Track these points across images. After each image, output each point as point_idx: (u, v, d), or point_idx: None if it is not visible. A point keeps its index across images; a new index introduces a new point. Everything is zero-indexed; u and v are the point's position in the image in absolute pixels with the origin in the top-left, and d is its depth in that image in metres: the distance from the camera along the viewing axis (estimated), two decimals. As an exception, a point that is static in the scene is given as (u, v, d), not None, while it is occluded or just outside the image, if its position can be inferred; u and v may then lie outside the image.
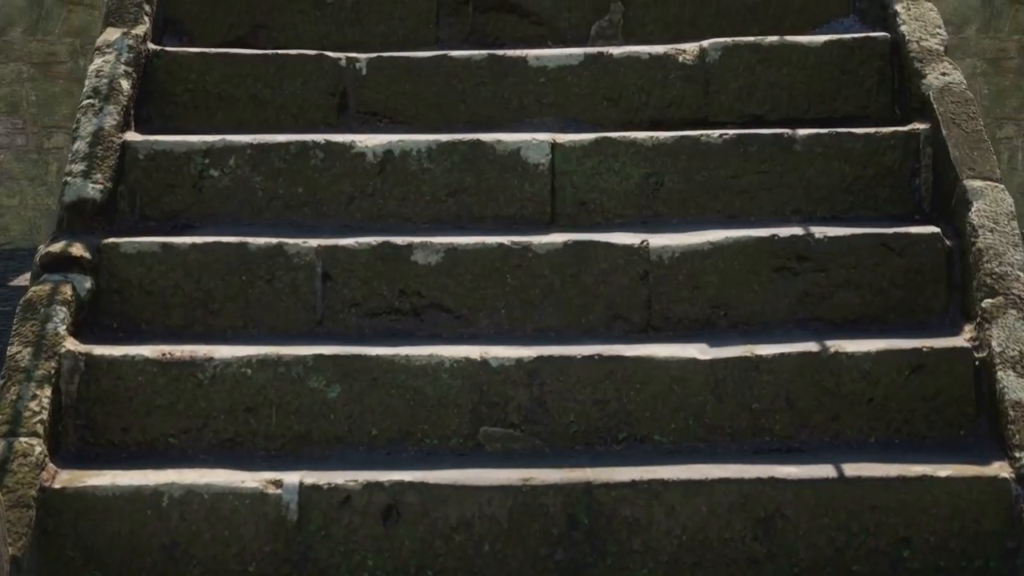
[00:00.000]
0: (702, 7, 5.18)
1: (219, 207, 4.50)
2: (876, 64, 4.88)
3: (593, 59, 4.86)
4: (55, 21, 9.24)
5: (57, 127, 9.21)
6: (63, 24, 9.26)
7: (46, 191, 9.22)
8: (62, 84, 9.24)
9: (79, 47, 9.23)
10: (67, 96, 9.25)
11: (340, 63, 4.85)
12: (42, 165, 9.24)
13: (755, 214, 4.56)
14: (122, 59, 4.69)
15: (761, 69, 4.87)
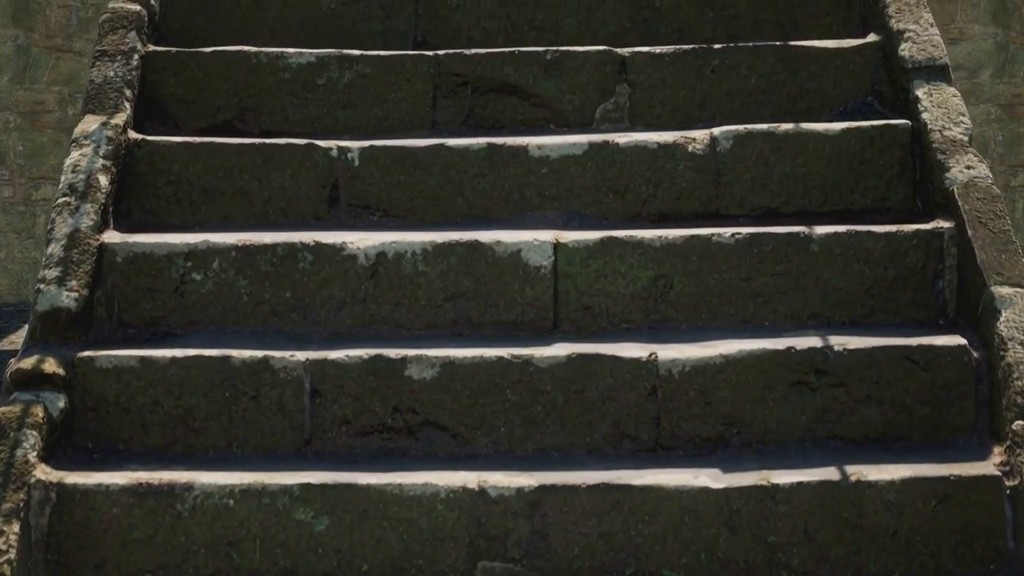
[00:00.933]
0: (712, 89, 4.95)
1: (202, 313, 4.26)
2: (896, 154, 4.64)
3: (598, 148, 4.63)
4: (43, 69, 9.01)
5: (45, 178, 8.97)
6: (51, 72, 9.02)
7: (33, 244, 8.99)
8: (50, 134, 9.01)
9: (67, 96, 9.00)
10: (55, 146, 9.01)
11: (331, 153, 4.62)
12: (29, 217, 9.00)
13: (769, 319, 4.32)
14: (100, 152, 4.46)
15: (775, 159, 4.63)
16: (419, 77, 4.95)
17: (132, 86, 4.77)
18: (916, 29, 4.87)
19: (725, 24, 5.27)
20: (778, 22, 5.27)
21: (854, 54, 4.98)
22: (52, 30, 8.97)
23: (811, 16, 5.26)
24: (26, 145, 8.98)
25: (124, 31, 4.89)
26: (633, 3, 5.27)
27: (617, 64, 4.96)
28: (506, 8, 5.26)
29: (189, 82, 4.92)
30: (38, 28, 8.97)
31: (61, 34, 8.97)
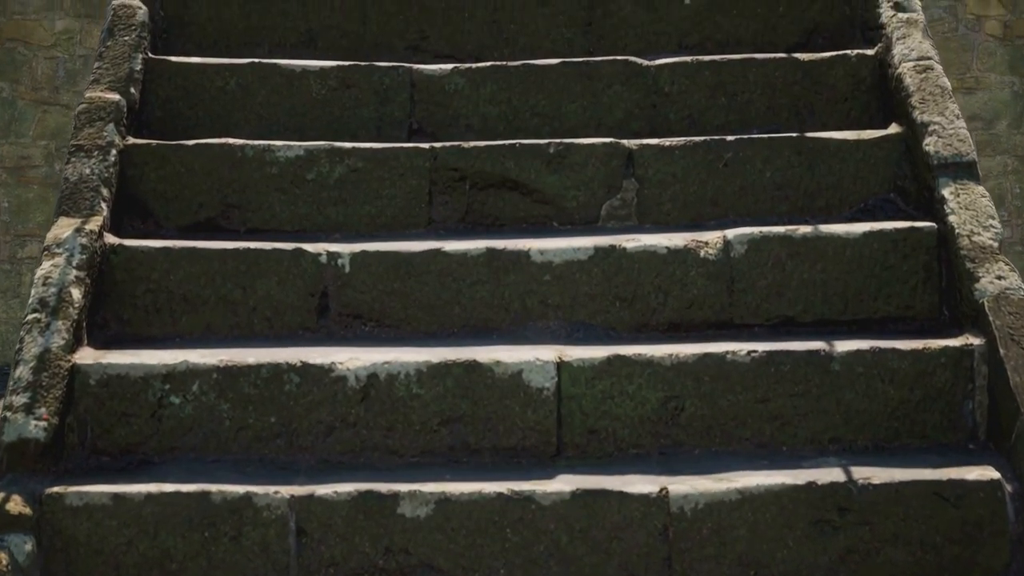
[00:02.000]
0: (724, 184, 4.69)
1: (181, 439, 4.01)
2: (922, 259, 4.38)
3: (604, 253, 4.37)
4: (28, 123, 8.76)
5: (31, 235, 8.72)
6: (37, 126, 8.77)
7: (19, 304, 8.73)
8: (36, 190, 8.76)
9: (54, 150, 8.75)
10: (41, 202, 8.76)
11: (320, 259, 4.36)
12: (15, 276, 8.75)
13: (788, 443, 4.06)
14: (74, 262, 4.20)
15: (792, 265, 4.37)
16: (414, 172, 4.70)
17: (110, 184, 4.52)
18: (941, 122, 4.61)
19: (738, 110, 5.01)
20: (794, 108, 5.01)
21: (875, 147, 4.73)
22: (39, 82, 8.73)
23: (829, 102, 5.01)
24: (11, 201, 8.73)
25: (102, 123, 4.64)
26: (640, 88, 5.01)
27: (624, 158, 4.71)
28: (507, 93, 5.00)
29: (171, 177, 4.67)
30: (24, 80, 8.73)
31: (48, 86, 8.73)
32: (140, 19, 5.01)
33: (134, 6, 5.04)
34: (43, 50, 8.73)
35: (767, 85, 5.02)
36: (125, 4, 5.04)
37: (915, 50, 4.87)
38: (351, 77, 5.01)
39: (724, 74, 5.03)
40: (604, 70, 5.02)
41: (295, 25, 5.27)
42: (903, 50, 4.90)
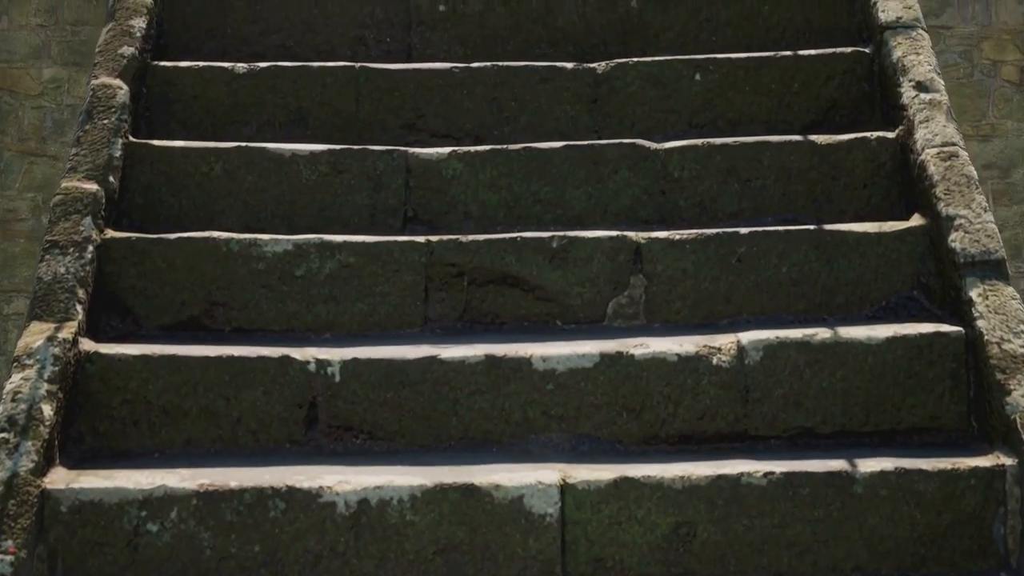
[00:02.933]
0: (738, 280, 4.45)
1: (158, 570, 3.76)
2: (948, 366, 4.14)
3: (611, 360, 4.12)
4: (15, 175, 8.52)
5: (17, 291, 8.48)
6: (24, 178, 8.54)
7: (4, 361, 8.49)
8: (23, 244, 8.52)
9: (41, 203, 8.51)
10: (28, 256, 8.52)
11: (308, 368, 4.11)
12: (1, 333, 8.50)
13: (807, 572, 3.81)
14: (45, 375, 3.96)
15: (811, 373, 4.13)
16: (409, 267, 4.45)
17: (86, 283, 4.27)
18: (967, 215, 4.37)
19: (752, 196, 4.77)
20: (810, 194, 4.77)
21: (897, 241, 4.48)
22: (25, 133, 8.49)
23: (847, 188, 4.77)
24: (-3, 255, 8.49)
25: (78, 217, 4.40)
26: (649, 173, 4.77)
27: (631, 252, 4.47)
28: (507, 179, 4.76)
29: (151, 274, 4.43)
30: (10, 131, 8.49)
31: (35, 137, 8.49)
32: (120, 100, 4.77)
33: (114, 86, 4.80)
34: (30, 99, 8.49)
35: (782, 170, 4.78)
36: (105, 84, 4.80)
37: (939, 135, 4.63)
38: (343, 162, 4.77)
39: (737, 158, 4.79)
40: (610, 154, 4.78)
41: (285, 103, 5.03)
42: (926, 135, 4.66)
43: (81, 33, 8.57)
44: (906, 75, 4.87)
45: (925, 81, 4.83)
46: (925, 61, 4.90)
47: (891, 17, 5.07)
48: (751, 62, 5.10)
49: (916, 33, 5.01)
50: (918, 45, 4.96)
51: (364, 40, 5.34)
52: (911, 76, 4.85)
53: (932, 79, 4.83)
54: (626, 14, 5.36)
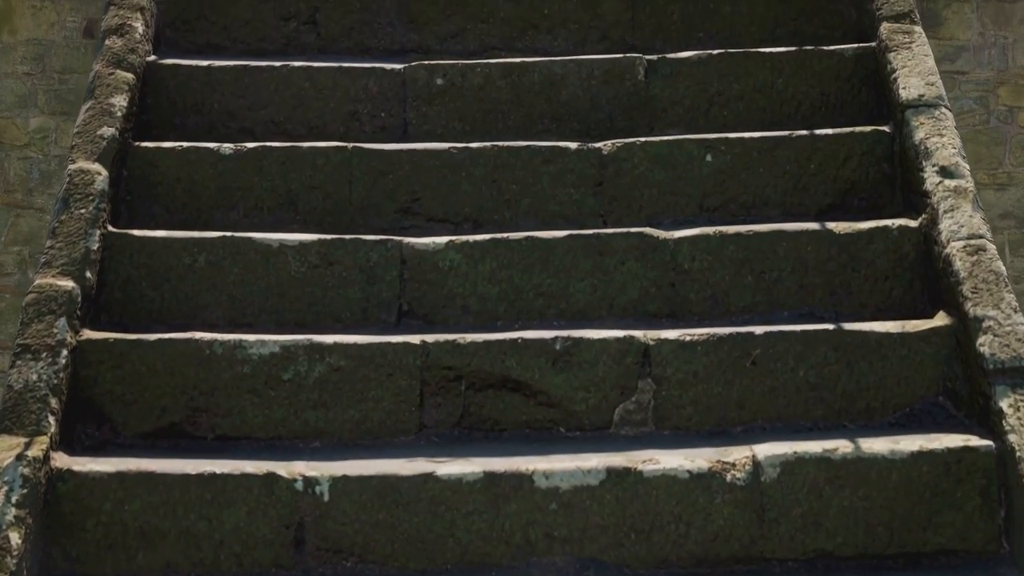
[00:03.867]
0: (753, 385, 4.21)
1: None
2: (978, 483, 3.90)
3: (618, 477, 3.89)
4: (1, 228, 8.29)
5: (3, 348, 8.24)
6: (10, 231, 8.31)
7: (-11, 420, 8.23)
8: (8, 299, 8.28)
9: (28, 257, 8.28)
10: (14, 313, 8.29)
11: (295, 486, 3.87)
12: (-15, 391, 8.26)
13: None
14: (14, 498, 3.72)
15: (831, 490, 3.89)
16: (403, 371, 4.22)
17: (59, 392, 4.04)
18: (997, 316, 4.13)
19: (766, 289, 4.53)
20: (828, 287, 4.53)
21: (921, 342, 4.24)
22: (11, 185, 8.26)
23: (867, 280, 4.53)
24: (-18, 311, 8.26)
25: (52, 318, 4.16)
26: (657, 264, 4.54)
27: (640, 355, 4.23)
28: (508, 271, 4.53)
29: (130, 378, 4.19)
30: (-5, 183, 8.27)
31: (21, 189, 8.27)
32: (99, 187, 4.54)
33: (92, 172, 4.57)
34: (16, 150, 8.27)
35: (798, 261, 4.54)
36: (82, 170, 4.57)
37: (965, 226, 4.39)
38: (334, 253, 4.53)
39: (751, 249, 4.55)
40: (617, 244, 4.54)
41: (273, 185, 4.80)
42: (951, 226, 4.42)
43: (69, 81, 8.34)
44: (929, 159, 4.63)
45: (949, 166, 4.59)
46: (949, 143, 4.66)
47: (913, 95, 4.83)
48: (765, 142, 4.86)
49: (939, 112, 4.77)
50: (942, 125, 4.73)
51: (358, 115, 5.10)
52: (934, 160, 4.62)
53: (957, 164, 4.59)
54: (633, 88, 5.12)
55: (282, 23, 5.41)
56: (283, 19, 5.41)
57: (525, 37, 5.41)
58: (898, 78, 4.92)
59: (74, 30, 8.52)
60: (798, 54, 5.16)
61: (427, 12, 5.40)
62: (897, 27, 5.11)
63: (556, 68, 5.13)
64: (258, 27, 5.41)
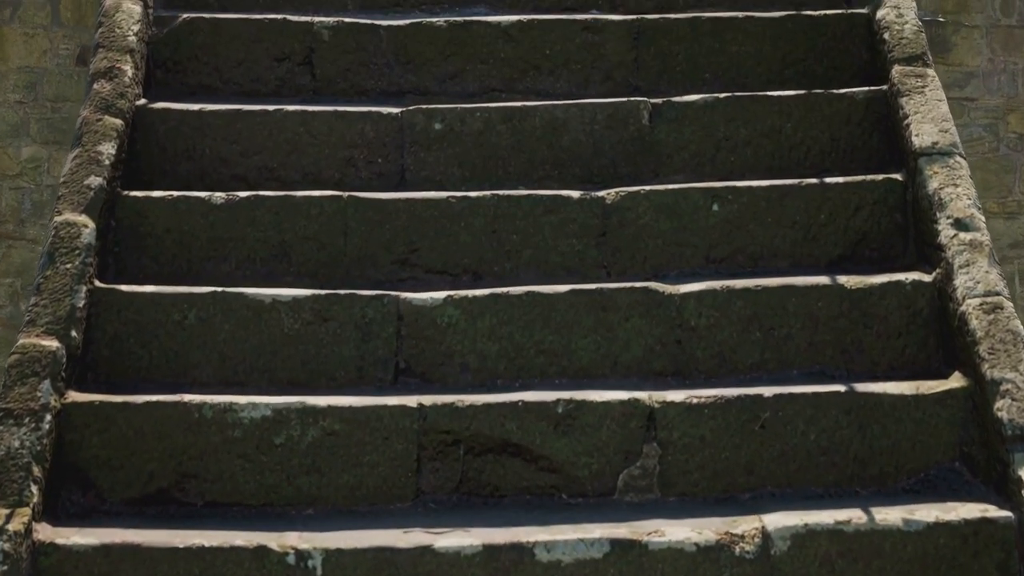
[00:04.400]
0: (761, 449, 4.08)
1: None
2: (996, 555, 3.78)
3: (622, 550, 3.76)
4: (-8, 260, 8.17)
5: (-7, 382, 8.09)
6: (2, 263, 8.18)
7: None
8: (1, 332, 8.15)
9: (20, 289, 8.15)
10: (7, 345, 8.15)
11: (287, 560, 3.75)
12: (-24, 426, 8.12)
13: None
14: (-7, 576, 3.59)
15: (843, 564, 3.76)
16: (400, 435, 4.09)
17: (43, 459, 3.91)
18: (1015, 379, 4.00)
19: (775, 347, 4.40)
20: (839, 344, 4.40)
21: (936, 405, 4.11)
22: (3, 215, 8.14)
23: (879, 337, 4.40)
24: (-27, 344, 8.13)
25: (35, 380, 4.03)
26: (663, 321, 4.40)
27: (645, 418, 4.10)
28: (508, 327, 4.40)
29: (117, 442, 4.06)
30: (-13, 213, 8.14)
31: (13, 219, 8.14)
32: (85, 241, 4.40)
33: (79, 224, 4.43)
34: (8, 180, 8.15)
35: (808, 317, 4.41)
36: (68, 222, 4.43)
37: (981, 283, 4.26)
38: (329, 309, 4.40)
39: (759, 304, 4.42)
40: (621, 300, 4.41)
41: (266, 236, 4.66)
42: (967, 282, 4.28)
43: (62, 109, 8.22)
44: (943, 210, 4.49)
45: (964, 219, 4.46)
46: (964, 194, 4.53)
47: (926, 142, 4.69)
48: (773, 191, 4.73)
49: (954, 161, 4.64)
50: (956, 175, 4.59)
51: (353, 161, 4.97)
52: (949, 212, 4.48)
53: (972, 216, 4.46)
54: (637, 132, 4.99)
55: (276, 64, 5.28)
56: (277, 60, 5.28)
57: (526, 78, 5.27)
58: (911, 124, 4.79)
59: (67, 57, 8.40)
60: (807, 97, 5.02)
61: (425, 52, 5.26)
62: (910, 70, 4.97)
63: (558, 112, 4.99)
64: (251, 68, 5.28)
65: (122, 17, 5.12)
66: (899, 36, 5.10)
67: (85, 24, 8.20)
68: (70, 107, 8.25)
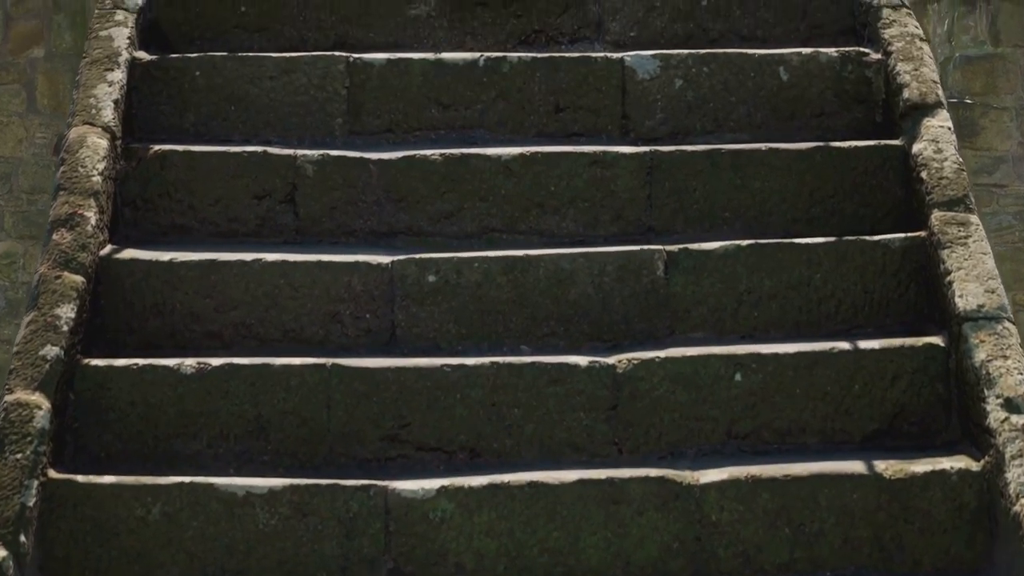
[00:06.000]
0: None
1: None
2: None
3: None
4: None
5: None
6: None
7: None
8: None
9: None
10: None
11: None
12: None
13: None
14: None
15: None
16: (387, 659, 3.67)
17: None
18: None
19: (805, 545, 4.01)
20: (877, 541, 4.02)
21: (990, 625, 3.69)
22: (-25, 314, 7.74)
23: (922, 533, 4.02)
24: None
25: (-22, 599, 3.62)
26: (681, 515, 4.02)
27: (661, 640, 3.68)
28: (508, 523, 4.00)
29: None
30: (-42, 313, 7.74)
31: (-14, 319, 7.73)
32: (39, 425, 4.00)
33: (32, 406, 4.03)
34: (-20, 277, 7.74)
35: (843, 511, 4.01)
36: (20, 403, 4.04)
37: (1037, 480, 3.85)
38: (309, 502, 4.00)
39: (788, 496, 4.01)
40: (634, 491, 4.01)
41: (241, 410, 4.26)
42: (1020, 476, 3.87)
43: (38, 202, 7.83)
44: (992, 387, 4.08)
45: (1016, 398, 4.05)
46: (1015, 368, 4.12)
47: (971, 305, 4.28)
48: (802, 359, 4.32)
49: (1002, 327, 4.23)
50: (1005, 344, 4.18)
51: (339, 317, 4.56)
52: (998, 390, 4.07)
53: (1024, 395, 4.05)
54: (651, 285, 4.57)
55: (256, 202, 4.87)
56: (257, 197, 4.86)
57: (529, 217, 4.86)
58: (953, 282, 4.37)
59: (44, 147, 8.02)
60: (838, 245, 4.61)
61: (418, 189, 4.85)
62: (950, 217, 4.56)
63: (564, 263, 4.58)
64: (229, 206, 4.87)
65: (86, 154, 4.71)
66: (938, 176, 4.69)
67: (63, 111, 7.80)
68: (47, 199, 7.85)
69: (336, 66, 5.14)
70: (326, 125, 5.14)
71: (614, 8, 5.45)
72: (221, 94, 5.13)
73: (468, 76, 5.15)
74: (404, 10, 5.44)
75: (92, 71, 5.04)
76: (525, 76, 5.15)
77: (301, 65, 5.14)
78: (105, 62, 5.07)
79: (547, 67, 5.15)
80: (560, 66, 5.16)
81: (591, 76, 5.15)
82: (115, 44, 5.13)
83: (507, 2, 5.44)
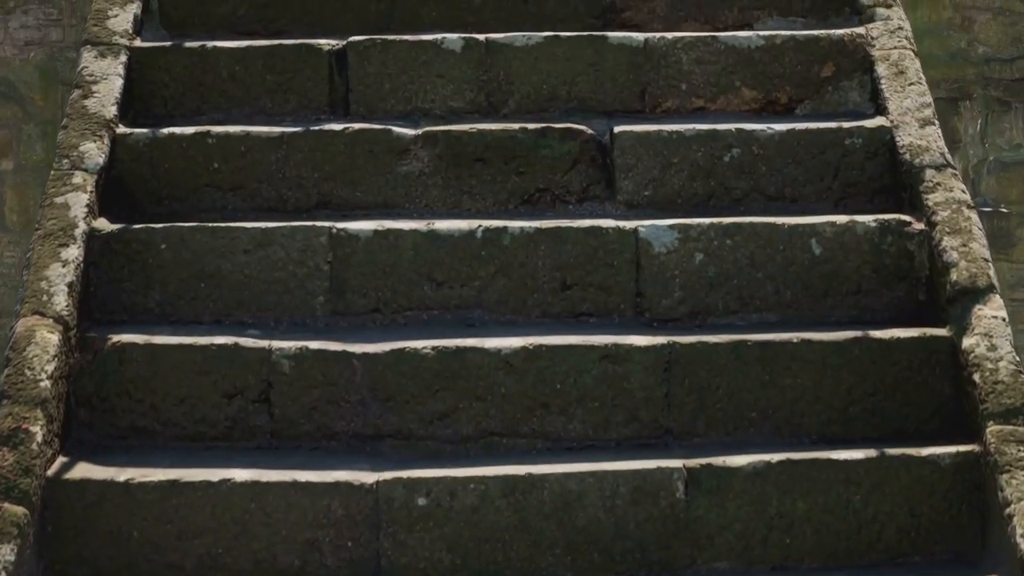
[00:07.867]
0: None
1: None
2: None
3: None
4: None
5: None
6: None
7: None
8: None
9: None
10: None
11: None
12: None
13: None
14: None
15: None
16: None
17: None
18: None
19: None
20: None
21: None
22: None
23: None
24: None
25: None
26: None
27: None
28: None
29: None
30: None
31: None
32: None
33: None
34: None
35: None
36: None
37: None
38: None
39: None
40: None
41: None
42: None
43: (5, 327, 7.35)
44: (1063, 654, 3.59)
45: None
46: (1088, 630, 3.62)
47: (1035, 542, 3.80)
48: (843, 608, 3.83)
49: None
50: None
51: (318, 545, 4.08)
52: (1070, 659, 3.58)
53: (1100, 666, 3.56)
54: (670, 509, 4.09)
55: (226, 401, 4.38)
56: (227, 396, 4.38)
57: (532, 419, 4.37)
58: (1014, 517, 3.89)
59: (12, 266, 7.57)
60: (880, 462, 4.13)
61: (408, 388, 4.37)
62: (1008, 432, 4.08)
63: (571, 483, 4.10)
64: (196, 406, 4.38)
65: (34, 353, 4.23)
66: (992, 380, 4.20)
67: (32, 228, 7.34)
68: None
69: (317, 238, 4.67)
70: (306, 305, 4.66)
71: (627, 165, 4.96)
72: (190, 270, 4.65)
73: (464, 249, 4.67)
74: (394, 167, 4.97)
75: (44, 247, 4.58)
76: (528, 249, 4.67)
77: (278, 237, 4.67)
78: (60, 236, 4.61)
79: (552, 239, 4.68)
80: (567, 238, 4.68)
81: (601, 250, 4.68)
82: (71, 214, 4.67)
83: (508, 158, 4.97)
